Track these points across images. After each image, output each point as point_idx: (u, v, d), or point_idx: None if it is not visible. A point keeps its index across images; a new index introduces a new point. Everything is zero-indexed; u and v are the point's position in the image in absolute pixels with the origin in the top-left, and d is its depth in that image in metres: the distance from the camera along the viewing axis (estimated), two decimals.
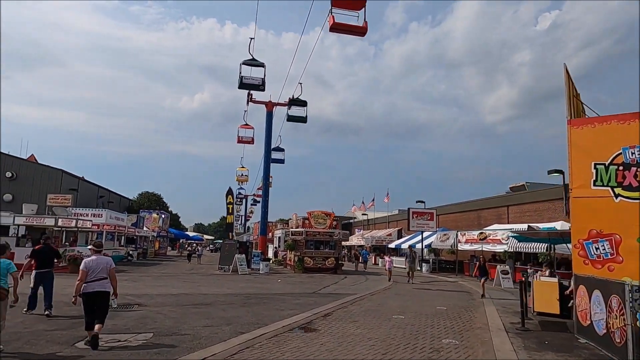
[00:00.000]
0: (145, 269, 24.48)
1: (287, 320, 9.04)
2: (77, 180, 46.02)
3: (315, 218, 26.65)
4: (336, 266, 26.22)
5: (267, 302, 12.16)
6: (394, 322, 9.41)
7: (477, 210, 39.37)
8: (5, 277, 6.40)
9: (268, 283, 18.29)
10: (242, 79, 25.40)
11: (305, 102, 27.29)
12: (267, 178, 28.78)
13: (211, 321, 8.91)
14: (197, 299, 12.57)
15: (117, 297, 7.37)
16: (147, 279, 18.32)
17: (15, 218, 19.86)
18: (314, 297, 13.57)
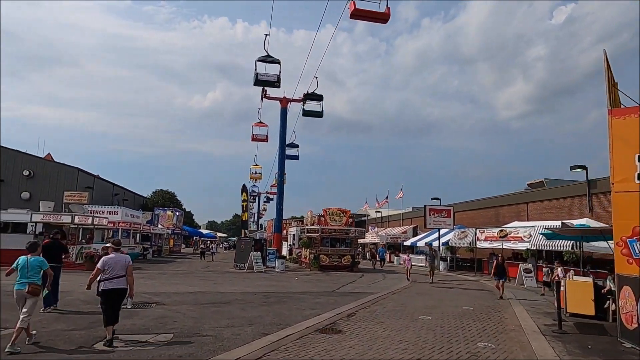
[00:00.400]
0: (161, 267, 24.42)
1: (310, 321, 8.68)
2: (93, 178, 46.35)
3: (331, 215, 26.26)
4: (352, 264, 25.81)
5: (287, 301, 11.83)
6: (421, 323, 8.98)
7: (494, 208, 38.54)
8: (38, 273, 6.48)
9: (285, 281, 17.98)
10: (258, 76, 25.06)
11: (321, 97, 26.83)
12: (282, 174, 28.46)
13: (232, 321, 8.60)
14: (215, 297, 12.30)
15: (133, 297, 7.39)
16: (163, 277, 18.17)
17: (33, 215, 19.89)
18: (334, 296, 13.20)
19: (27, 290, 6.24)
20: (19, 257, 6.63)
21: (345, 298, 12.75)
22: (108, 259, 6.77)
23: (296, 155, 33.05)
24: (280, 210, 28.13)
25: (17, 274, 6.39)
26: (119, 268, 6.71)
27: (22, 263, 6.45)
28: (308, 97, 26.50)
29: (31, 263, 6.47)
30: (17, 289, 6.34)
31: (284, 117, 28.96)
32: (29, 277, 6.35)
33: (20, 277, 6.35)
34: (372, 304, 11.70)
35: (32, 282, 6.33)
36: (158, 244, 38.16)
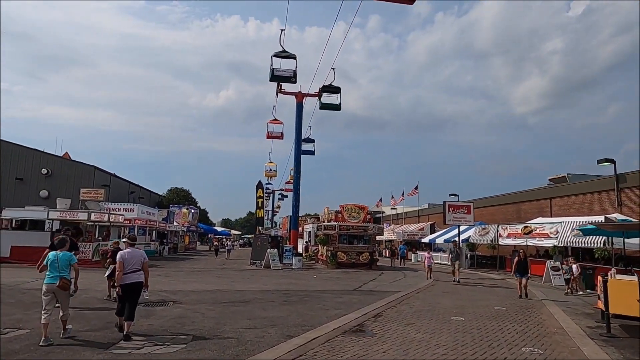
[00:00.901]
0: (177, 264, 24.19)
1: (336, 322, 8.15)
2: (109, 176, 46.63)
3: (348, 211, 25.69)
4: (371, 261, 25.22)
5: (308, 300, 11.33)
6: (455, 325, 8.37)
7: (516, 204, 37.44)
8: (67, 268, 6.59)
9: (304, 279, 17.50)
10: (274, 71, 24.79)
11: (338, 89, 26.17)
12: (299, 170, 27.99)
13: (254, 322, 8.12)
14: (233, 296, 11.87)
15: (148, 289, 7.49)
16: (179, 275, 17.87)
17: (50, 213, 19.81)
18: (357, 295, 12.65)
19: (58, 285, 6.37)
20: (48, 253, 6.73)
21: (368, 297, 12.19)
22: (124, 254, 6.87)
23: (312, 151, 32.52)
24: (297, 206, 27.67)
25: (47, 269, 6.50)
26: (134, 262, 6.81)
27: (52, 258, 6.55)
28: (325, 90, 25.88)
29: (61, 258, 6.58)
30: (48, 283, 6.44)
31: (299, 112, 28.46)
32: (60, 272, 6.46)
33: (50, 272, 6.45)
34: (398, 303, 11.11)
35: (63, 276, 6.45)
36: (174, 241, 38.14)
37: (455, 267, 17.58)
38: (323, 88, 25.82)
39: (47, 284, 6.45)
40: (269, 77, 25.39)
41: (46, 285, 6.46)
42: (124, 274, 6.75)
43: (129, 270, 6.78)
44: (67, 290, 6.55)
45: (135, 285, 6.80)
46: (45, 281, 6.48)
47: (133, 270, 6.81)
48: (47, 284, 6.45)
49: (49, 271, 6.49)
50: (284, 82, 26.43)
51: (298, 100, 28.52)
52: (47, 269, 6.53)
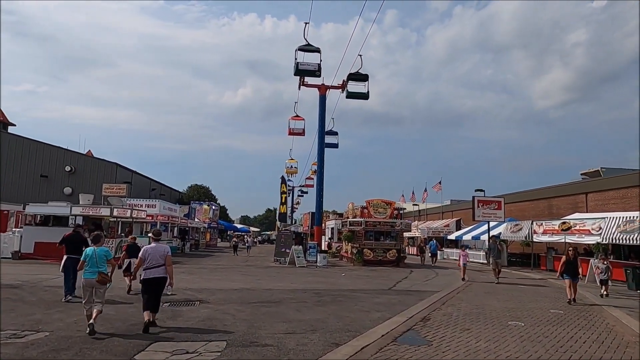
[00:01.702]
0: (200, 261, 23.73)
1: (382, 327, 7.29)
2: (131, 173, 46.80)
3: (374, 207, 24.75)
4: (398, 259, 24.25)
5: (343, 300, 10.50)
6: (516, 331, 7.40)
7: (547, 199, 35.84)
8: (104, 263, 6.77)
9: (332, 277, 16.69)
10: (298, 65, 24.51)
11: (366, 77, 25.04)
12: (322, 164, 27.14)
13: (291, 325, 7.34)
14: (262, 295, 11.15)
15: (173, 285, 7.47)
16: (203, 272, 17.31)
17: (72, 208, 19.52)
18: (393, 295, 11.75)
19: (97, 279, 6.54)
20: (86, 249, 6.90)
21: (407, 297, 11.29)
22: (148, 248, 6.93)
23: (335, 143, 31.63)
24: (320, 202, 26.86)
25: (86, 265, 6.66)
26: (157, 257, 6.83)
27: (90, 254, 6.71)
28: (352, 78, 24.78)
29: (98, 253, 6.74)
30: (87, 277, 6.59)
31: (322, 105, 27.60)
32: (98, 267, 6.63)
33: (89, 267, 6.61)
34: (442, 304, 10.18)
35: (101, 271, 6.63)
36: (195, 237, 37.90)
37: (495, 265, 16.14)
38: (350, 76, 24.73)
39: (86, 278, 6.59)
40: (294, 71, 25.24)
41: (85, 280, 6.59)
42: (146, 268, 6.78)
43: (152, 265, 6.79)
44: (105, 284, 6.71)
45: (157, 280, 6.81)
46: (84, 276, 6.61)
47: (156, 265, 6.80)
48: (86, 279, 6.59)
49: (87, 266, 6.63)
50: (308, 76, 26.16)
51: (321, 92, 27.66)
52: (86, 264, 6.66)
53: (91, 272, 6.58)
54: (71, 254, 9.81)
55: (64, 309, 8.47)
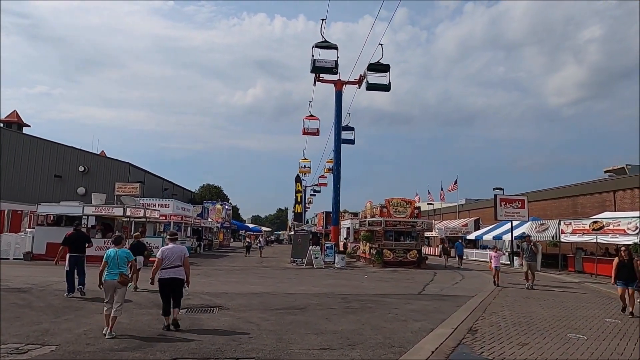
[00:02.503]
0: (214, 262, 23.08)
1: (428, 342, 6.42)
2: (143, 173, 46.58)
3: (394, 206, 23.81)
4: (419, 260, 23.28)
5: (374, 307, 9.64)
6: (583, 347, 6.48)
7: (571, 197, 34.45)
8: (125, 264, 6.81)
9: (354, 279, 15.84)
10: (315, 62, 24.08)
11: (387, 67, 23.92)
12: (339, 162, 26.28)
13: (324, 338, 6.52)
14: (285, 300, 10.35)
15: (189, 285, 7.28)
16: (219, 274, 16.60)
17: (85, 208, 19.01)
18: (426, 301, 10.85)
19: (118, 280, 6.57)
20: (107, 250, 6.89)
21: (441, 304, 10.38)
22: (165, 249, 6.90)
23: (352, 139, 30.74)
24: (337, 200, 25.99)
25: (108, 266, 6.68)
26: (175, 258, 6.82)
27: (112, 255, 6.74)
28: (372, 68, 23.69)
29: (119, 255, 6.78)
30: (108, 279, 6.62)
31: (339, 101, 26.73)
32: (119, 268, 6.66)
33: (110, 268, 6.65)
34: (482, 312, 9.26)
35: (122, 272, 6.67)
36: (208, 237, 37.37)
37: (529, 268, 14.63)
38: (370, 66, 23.64)
39: (107, 280, 6.62)
40: (310, 68, 24.85)
41: (107, 282, 6.63)
42: (163, 268, 6.75)
43: (169, 265, 6.77)
44: (126, 285, 6.72)
45: (174, 281, 6.77)
46: (106, 277, 6.65)
47: (173, 266, 6.78)
48: (107, 280, 6.63)
49: (109, 267, 6.66)
50: (325, 73, 25.64)
51: (337, 88, 26.81)
52: (107, 266, 6.67)
53: (112, 273, 6.62)
54: (74, 252, 10.09)
55: (73, 317, 7.78)
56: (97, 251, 19.02)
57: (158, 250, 7.34)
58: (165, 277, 6.75)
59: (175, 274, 6.79)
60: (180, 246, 7.20)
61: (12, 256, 18.78)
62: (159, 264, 6.81)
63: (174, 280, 6.78)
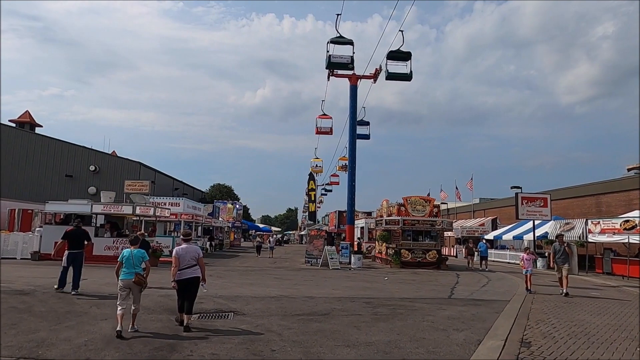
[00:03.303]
0: (226, 262, 22.35)
1: (482, 356, 5.51)
2: (154, 172, 46.23)
3: (412, 204, 22.84)
4: (439, 260, 22.29)
5: (404, 313, 8.75)
6: None
7: (594, 196, 33.15)
8: (140, 264, 6.83)
9: (375, 282, 14.94)
10: (330, 58, 23.63)
11: (408, 55, 22.73)
12: (354, 159, 25.37)
13: (358, 352, 5.66)
14: (305, 305, 9.51)
15: (206, 282, 7.33)
16: (233, 275, 15.83)
17: (93, 206, 18.40)
18: (460, 306, 9.92)
19: (133, 280, 6.62)
20: (123, 251, 6.92)
21: (477, 310, 9.44)
22: (180, 250, 6.91)
23: (367, 134, 29.80)
24: (352, 199, 25.10)
25: (123, 266, 6.71)
26: (189, 258, 6.87)
27: (127, 255, 6.78)
28: (392, 56, 22.42)
29: (135, 255, 6.81)
30: (124, 278, 6.66)
31: (353, 96, 25.84)
32: (134, 268, 6.71)
33: (126, 268, 6.68)
34: (527, 320, 8.29)
35: (138, 272, 6.73)
36: (219, 237, 36.75)
37: (563, 272, 12.45)
38: (390, 54, 22.41)
39: (123, 279, 6.66)
40: (325, 64, 24.36)
41: (122, 281, 6.66)
42: (180, 269, 6.76)
43: (185, 266, 6.80)
44: (141, 285, 6.77)
45: (191, 280, 6.83)
46: (121, 277, 6.68)
47: (189, 266, 6.83)
48: (123, 280, 6.66)
49: (124, 267, 6.70)
50: (340, 69, 25.06)
51: (352, 82, 25.92)
52: (122, 266, 6.71)
53: (128, 272, 6.66)
54: (73, 249, 10.12)
55: (75, 324, 7.03)
56: (106, 250, 18.55)
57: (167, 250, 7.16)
58: (182, 279, 6.77)
59: (192, 274, 6.85)
60: (194, 246, 7.18)
61: (19, 256, 18.25)
62: (177, 263, 6.78)
63: (192, 279, 6.84)
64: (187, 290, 6.80)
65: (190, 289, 6.84)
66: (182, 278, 6.78)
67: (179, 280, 6.79)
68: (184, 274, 6.79)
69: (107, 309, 8.41)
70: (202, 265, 7.05)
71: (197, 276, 6.91)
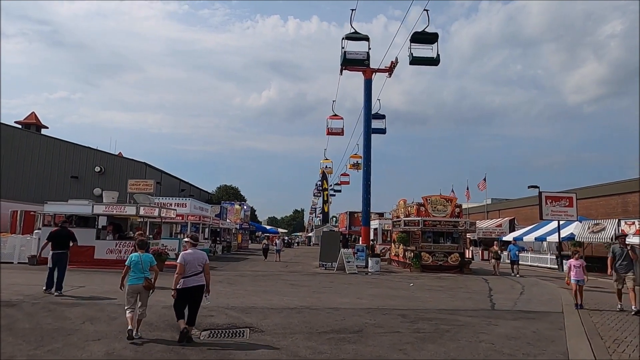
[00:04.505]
0: (235, 266, 21.09)
1: None
2: (160, 173, 45.28)
3: (432, 204, 21.44)
4: (461, 264, 20.87)
5: (451, 330, 7.40)
6: None
7: (621, 195, 31.61)
8: (148, 269, 6.62)
9: (400, 288, 13.57)
10: (346, 54, 22.97)
11: (435, 36, 20.98)
12: (369, 156, 24.03)
13: None
14: (332, 318, 8.21)
15: (210, 294, 6.66)
16: (244, 281, 14.54)
17: (95, 207, 17.22)
18: (511, 320, 8.55)
19: (143, 284, 6.47)
20: (131, 255, 6.74)
21: (535, 325, 8.08)
22: (186, 255, 6.41)
23: (383, 129, 28.47)
24: (367, 198, 23.76)
25: (131, 271, 6.52)
26: (196, 265, 6.40)
27: (136, 259, 6.59)
28: (416, 39, 20.68)
29: (144, 259, 6.64)
30: (133, 283, 6.48)
31: (368, 90, 24.54)
32: (143, 273, 6.53)
33: (134, 273, 6.51)
34: (603, 340, 6.92)
35: (147, 277, 6.56)
36: (227, 239, 35.55)
37: (627, 284, 9.81)
38: (414, 36, 20.53)
39: (132, 284, 6.49)
40: (341, 60, 23.59)
41: (130, 287, 6.50)
42: (184, 277, 6.24)
43: (190, 273, 6.29)
44: (149, 290, 6.60)
45: (196, 288, 6.32)
46: (130, 282, 6.51)
47: (194, 273, 6.32)
48: (131, 285, 6.50)
49: (132, 272, 6.52)
50: (356, 66, 24.16)
51: (366, 77, 24.62)
52: (129, 270, 6.53)
53: (137, 277, 6.49)
54: (57, 249, 10.06)
55: (60, 346, 5.80)
56: (108, 254, 17.38)
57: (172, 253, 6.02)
58: (187, 286, 6.23)
59: (197, 282, 6.31)
60: (201, 252, 6.66)
61: (16, 260, 17.13)
62: (181, 270, 6.23)
63: (196, 287, 6.30)
64: (190, 299, 6.30)
65: (194, 298, 6.34)
66: (186, 286, 6.24)
67: (183, 289, 6.23)
68: (188, 282, 6.26)
69: (102, 325, 7.18)
70: (207, 273, 6.51)
71: (201, 284, 6.39)
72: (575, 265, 10.54)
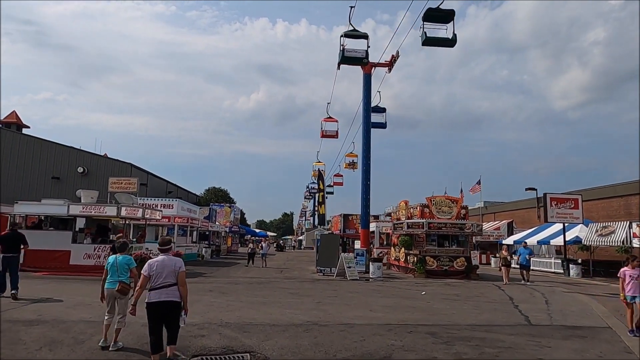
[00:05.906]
0: (227, 272, 19.49)
1: None
2: (147, 175, 43.35)
3: (437, 205, 20.19)
4: (468, 269, 19.64)
5: (500, 354, 6.05)
6: None
7: (624, 197, 30.80)
8: (126, 272, 6.20)
9: (413, 298, 12.18)
10: (344, 52, 22.07)
11: (451, 14, 19.06)
12: (368, 154, 22.71)
13: None
14: (348, 339, 6.79)
15: (187, 312, 5.29)
16: (238, 290, 12.99)
17: (70, 207, 15.55)
18: (562, 340, 7.24)
19: (116, 289, 5.98)
20: (108, 258, 6.36)
21: (591, 345, 6.79)
22: (153, 263, 5.28)
23: (383, 123, 27.16)
24: (367, 199, 22.42)
25: (108, 274, 6.11)
26: (166, 274, 5.16)
27: (112, 262, 6.18)
28: (429, 17, 18.80)
29: (120, 262, 6.17)
30: (108, 287, 6.07)
31: (367, 85, 23.30)
32: (119, 276, 6.10)
33: (111, 276, 6.12)
34: None
35: (122, 280, 6.09)
36: (216, 242, 33.88)
37: None
38: (427, 13, 18.57)
39: (107, 288, 6.06)
40: (339, 58, 22.62)
41: (107, 290, 6.06)
42: (152, 289, 5.11)
43: (160, 284, 5.10)
44: (126, 295, 6.05)
45: (167, 304, 5.04)
46: (106, 286, 6.07)
47: (164, 285, 5.10)
48: (107, 289, 6.06)
49: (109, 276, 6.12)
50: (354, 64, 23.23)
51: (365, 71, 23.38)
52: (108, 274, 6.12)
53: (112, 281, 6.09)
54: (7, 252, 9.86)
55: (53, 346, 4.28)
56: (86, 259, 15.72)
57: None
58: (154, 301, 5.09)
59: (168, 296, 5.11)
60: (175, 258, 5.48)
61: None
62: (144, 283, 5.23)
63: (167, 304, 5.08)
64: (162, 319, 5.12)
65: (167, 318, 5.13)
66: (154, 300, 5.07)
67: (151, 303, 5.06)
68: (158, 295, 5.07)
69: (64, 351, 5.67)
70: (183, 285, 5.18)
71: (176, 301, 5.13)
72: (631, 276, 7.77)
